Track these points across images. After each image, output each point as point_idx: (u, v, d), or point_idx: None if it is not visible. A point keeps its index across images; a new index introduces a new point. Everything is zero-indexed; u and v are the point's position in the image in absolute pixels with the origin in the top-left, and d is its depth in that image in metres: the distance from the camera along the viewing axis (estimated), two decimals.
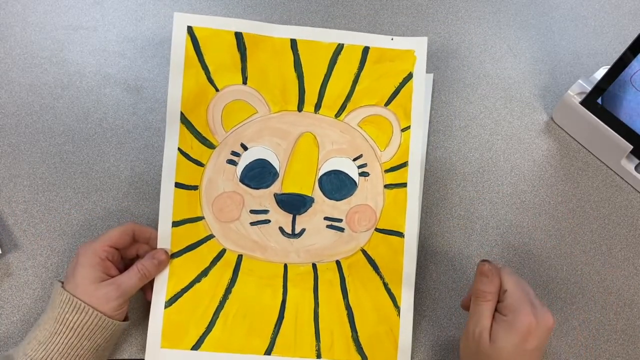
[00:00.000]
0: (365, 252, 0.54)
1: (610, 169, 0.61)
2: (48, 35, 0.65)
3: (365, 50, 0.55)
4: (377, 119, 0.55)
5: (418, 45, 0.55)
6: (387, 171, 0.55)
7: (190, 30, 0.54)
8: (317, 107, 0.55)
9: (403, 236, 0.54)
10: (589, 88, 0.58)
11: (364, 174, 0.55)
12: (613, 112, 0.57)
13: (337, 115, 0.55)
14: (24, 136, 0.60)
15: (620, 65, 0.53)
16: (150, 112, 0.62)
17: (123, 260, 0.52)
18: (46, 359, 0.45)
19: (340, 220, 0.54)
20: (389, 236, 0.54)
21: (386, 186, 0.55)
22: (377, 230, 0.54)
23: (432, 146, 0.62)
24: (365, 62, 0.55)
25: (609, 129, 0.58)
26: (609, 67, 0.54)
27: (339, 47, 0.55)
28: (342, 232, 0.54)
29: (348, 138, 0.55)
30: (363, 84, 0.55)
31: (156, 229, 0.52)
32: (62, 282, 0.48)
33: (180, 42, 0.53)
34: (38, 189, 0.58)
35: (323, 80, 0.55)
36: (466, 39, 0.67)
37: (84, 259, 0.48)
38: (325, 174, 0.55)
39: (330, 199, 0.54)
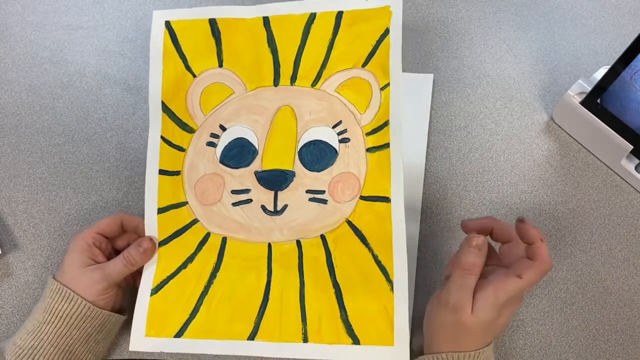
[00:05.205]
0: (351, 222, 0.52)
1: (610, 169, 0.61)
2: (48, 35, 0.65)
3: (339, 15, 0.54)
4: (355, 82, 0.54)
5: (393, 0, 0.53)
6: (368, 134, 0.53)
7: (167, 24, 0.55)
8: (293, 79, 0.55)
9: (389, 201, 0.51)
10: (589, 88, 0.58)
11: (344, 140, 0.53)
12: (613, 112, 0.57)
13: (314, 84, 0.54)
14: (24, 136, 0.60)
15: (620, 65, 0.53)
16: None
17: (115, 252, 0.53)
18: (35, 348, 0.45)
19: (322, 192, 0.53)
20: (375, 203, 0.51)
21: (368, 149, 0.53)
22: (362, 198, 0.52)
23: (432, 146, 0.62)
24: (339, 27, 0.54)
25: (609, 129, 0.58)
26: (609, 67, 0.54)
27: (312, 17, 0.54)
28: (325, 204, 0.52)
29: (326, 105, 0.54)
30: (338, 49, 0.54)
31: None
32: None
33: (158, 37, 0.55)
34: (38, 189, 0.58)
35: (297, 52, 0.55)
36: (466, 39, 0.67)
37: (72, 246, 0.49)
38: (304, 145, 0.53)
39: (312, 170, 0.53)
